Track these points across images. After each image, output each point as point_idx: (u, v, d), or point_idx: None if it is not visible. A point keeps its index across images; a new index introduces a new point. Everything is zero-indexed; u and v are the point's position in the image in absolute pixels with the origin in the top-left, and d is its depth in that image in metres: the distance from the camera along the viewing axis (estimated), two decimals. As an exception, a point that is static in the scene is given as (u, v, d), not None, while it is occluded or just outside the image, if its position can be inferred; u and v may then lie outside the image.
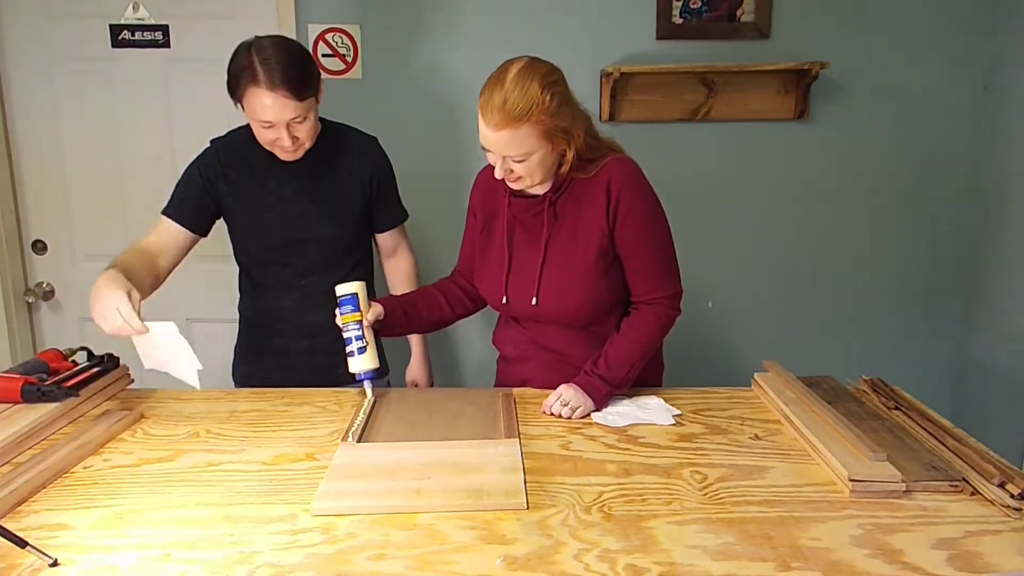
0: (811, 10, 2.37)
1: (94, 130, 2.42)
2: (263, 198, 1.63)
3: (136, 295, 1.37)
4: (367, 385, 1.45)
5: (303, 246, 1.66)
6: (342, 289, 1.45)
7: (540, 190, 1.45)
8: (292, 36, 2.32)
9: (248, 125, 1.59)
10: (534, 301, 1.47)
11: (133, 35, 2.35)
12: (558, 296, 1.46)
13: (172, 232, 1.63)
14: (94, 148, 2.43)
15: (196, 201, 1.64)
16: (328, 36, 2.35)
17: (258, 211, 1.63)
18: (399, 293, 1.71)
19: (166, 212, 1.64)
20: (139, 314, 1.34)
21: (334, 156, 1.63)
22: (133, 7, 2.34)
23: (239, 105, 1.52)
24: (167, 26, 2.35)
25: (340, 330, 1.44)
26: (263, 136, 1.53)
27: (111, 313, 1.32)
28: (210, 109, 2.41)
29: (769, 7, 2.35)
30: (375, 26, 2.36)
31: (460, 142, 2.42)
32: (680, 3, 2.36)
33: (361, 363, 1.43)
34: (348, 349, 1.44)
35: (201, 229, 1.67)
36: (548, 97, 1.30)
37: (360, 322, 1.43)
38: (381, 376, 1.54)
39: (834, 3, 2.37)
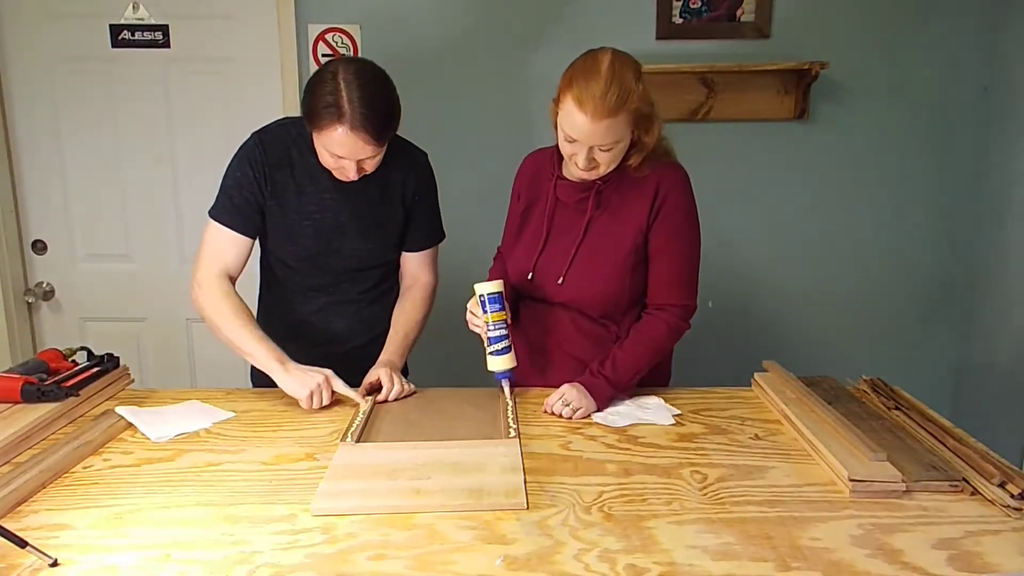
0: (811, 10, 2.37)
1: (94, 130, 2.42)
2: (303, 205, 1.54)
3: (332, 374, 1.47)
4: (505, 384, 1.48)
5: (336, 257, 1.60)
6: (487, 288, 1.45)
7: (593, 176, 1.46)
8: (292, 36, 2.33)
9: (294, 120, 1.52)
10: (560, 280, 1.49)
11: (133, 35, 2.36)
12: (584, 280, 1.48)
13: (241, 244, 1.55)
14: (94, 148, 2.43)
15: (254, 203, 1.53)
16: (328, 36, 2.36)
17: (297, 218, 1.55)
18: (397, 321, 1.64)
19: (232, 226, 1.53)
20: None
21: (380, 169, 1.51)
22: (133, 7, 2.34)
23: (312, 131, 1.42)
24: (167, 26, 2.35)
25: (484, 329, 1.46)
26: (327, 161, 1.45)
27: (325, 391, 1.44)
28: (210, 109, 2.41)
29: (769, 7, 2.36)
30: (375, 26, 2.36)
31: (460, 142, 2.42)
32: (680, 3, 2.36)
33: (504, 362, 1.46)
34: (493, 348, 1.46)
35: (260, 230, 1.59)
36: (640, 85, 1.34)
37: (506, 321, 1.46)
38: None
39: (834, 3, 2.37)
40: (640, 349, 1.47)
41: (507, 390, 1.48)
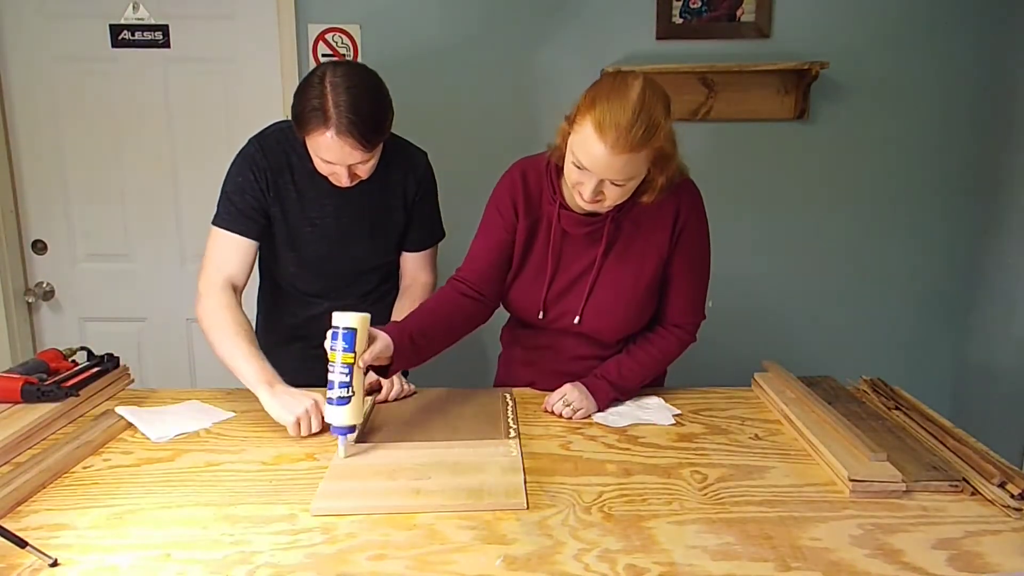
0: (811, 10, 2.37)
1: (94, 130, 2.42)
2: (304, 211, 1.53)
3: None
4: (341, 442, 1.21)
5: (338, 262, 1.60)
6: (341, 320, 1.21)
7: (602, 208, 1.34)
8: (292, 36, 2.33)
9: (292, 124, 1.46)
10: (577, 320, 1.44)
11: (133, 35, 2.35)
12: (603, 316, 1.43)
13: (246, 248, 1.51)
14: (94, 148, 2.43)
15: (258, 207, 1.51)
16: (328, 36, 2.35)
17: (298, 224, 1.54)
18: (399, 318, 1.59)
19: (236, 230, 1.50)
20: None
21: (380, 171, 1.49)
22: (133, 7, 2.34)
23: (302, 136, 1.40)
24: (167, 26, 2.35)
25: (329, 368, 1.21)
26: (320, 167, 1.43)
27: (313, 418, 1.32)
28: (210, 109, 2.41)
29: (769, 7, 2.36)
30: (375, 26, 2.36)
31: (461, 142, 2.42)
32: (680, 3, 2.36)
33: (341, 416, 1.19)
34: (329, 395, 1.20)
35: (264, 234, 1.56)
36: (668, 122, 1.22)
37: (351, 366, 1.20)
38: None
39: (834, 3, 2.37)
40: (649, 361, 1.46)
41: (341, 450, 1.20)
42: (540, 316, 1.46)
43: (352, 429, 1.22)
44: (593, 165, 1.21)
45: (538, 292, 1.45)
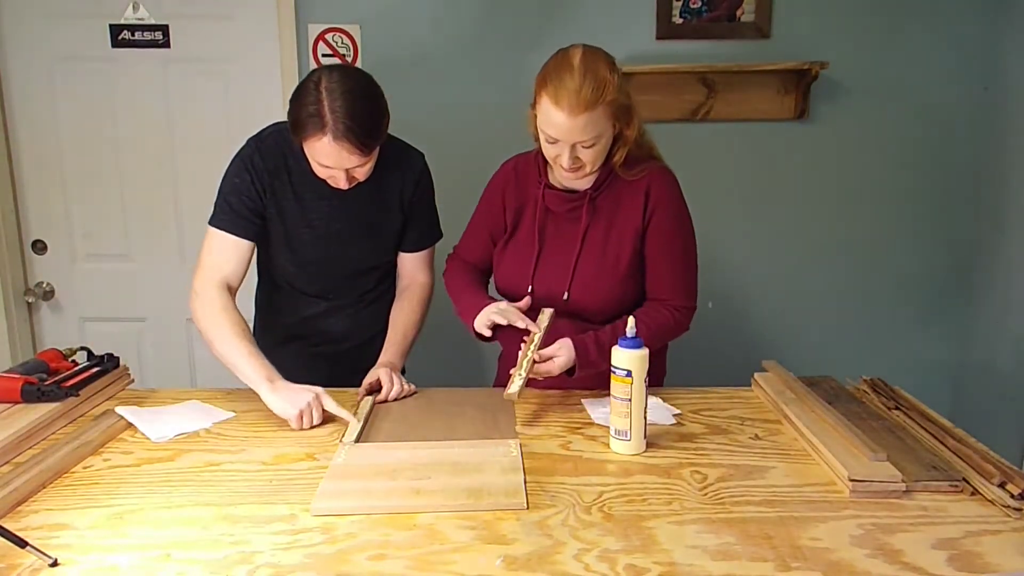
0: (811, 10, 2.37)
1: (94, 130, 2.42)
2: (302, 212, 1.54)
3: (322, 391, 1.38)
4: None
5: (335, 263, 1.61)
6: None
7: (583, 185, 1.46)
8: (292, 36, 2.33)
9: (287, 125, 1.47)
10: (565, 296, 1.48)
11: (133, 35, 2.36)
12: (589, 293, 1.47)
13: (242, 249, 1.52)
14: (94, 148, 2.43)
15: (254, 208, 1.52)
16: (328, 36, 2.35)
17: (296, 225, 1.55)
18: (395, 322, 1.63)
19: (232, 230, 1.51)
20: None
21: (377, 172, 1.50)
22: (133, 7, 2.34)
23: (299, 141, 1.41)
24: (167, 26, 2.35)
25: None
26: (317, 170, 1.44)
27: (315, 411, 1.35)
28: (210, 109, 2.41)
29: (769, 7, 2.36)
30: (375, 26, 2.36)
31: (461, 141, 2.42)
32: (680, 3, 2.36)
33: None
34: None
35: (260, 235, 1.57)
36: (615, 76, 1.33)
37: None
38: None
39: (834, 3, 2.37)
40: (640, 317, 1.43)
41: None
42: (530, 290, 1.50)
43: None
44: (559, 133, 1.33)
45: (526, 266, 1.51)
